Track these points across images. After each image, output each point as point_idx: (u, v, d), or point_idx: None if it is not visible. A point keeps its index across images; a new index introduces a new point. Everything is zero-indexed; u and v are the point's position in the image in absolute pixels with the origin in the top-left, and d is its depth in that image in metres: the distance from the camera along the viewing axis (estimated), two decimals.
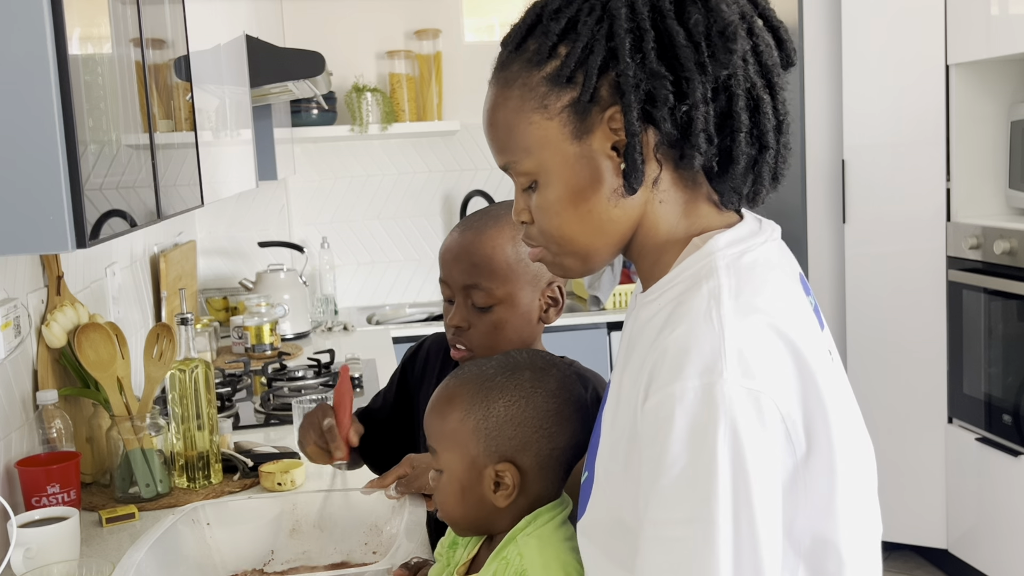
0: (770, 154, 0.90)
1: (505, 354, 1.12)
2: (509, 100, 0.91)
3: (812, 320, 0.89)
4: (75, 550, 1.44)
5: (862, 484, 0.91)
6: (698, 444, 0.79)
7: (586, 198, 0.90)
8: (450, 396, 1.08)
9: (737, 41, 0.85)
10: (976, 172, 3.05)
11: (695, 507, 0.79)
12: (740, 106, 0.87)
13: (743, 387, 0.79)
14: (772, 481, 0.80)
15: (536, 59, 0.89)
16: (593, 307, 3.64)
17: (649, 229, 0.92)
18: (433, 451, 1.08)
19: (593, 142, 0.88)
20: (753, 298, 0.84)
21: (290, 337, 3.36)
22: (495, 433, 1.04)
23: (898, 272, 3.16)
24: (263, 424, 2.28)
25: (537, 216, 0.93)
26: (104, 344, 1.74)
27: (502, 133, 0.92)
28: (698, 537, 0.79)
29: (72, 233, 0.99)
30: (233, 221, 3.82)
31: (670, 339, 0.83)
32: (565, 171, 0.90)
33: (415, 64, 3.85)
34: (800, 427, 0.82)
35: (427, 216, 3.98)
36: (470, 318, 1.32)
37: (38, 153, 0.97)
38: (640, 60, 0.85)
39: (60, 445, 1.69)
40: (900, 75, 3.06)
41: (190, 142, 1.65)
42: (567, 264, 0.95)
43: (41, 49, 0.96)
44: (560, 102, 0.88)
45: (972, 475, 3.01)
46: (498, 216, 1.34)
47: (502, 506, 1.05)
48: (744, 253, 0.89)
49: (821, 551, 0.86)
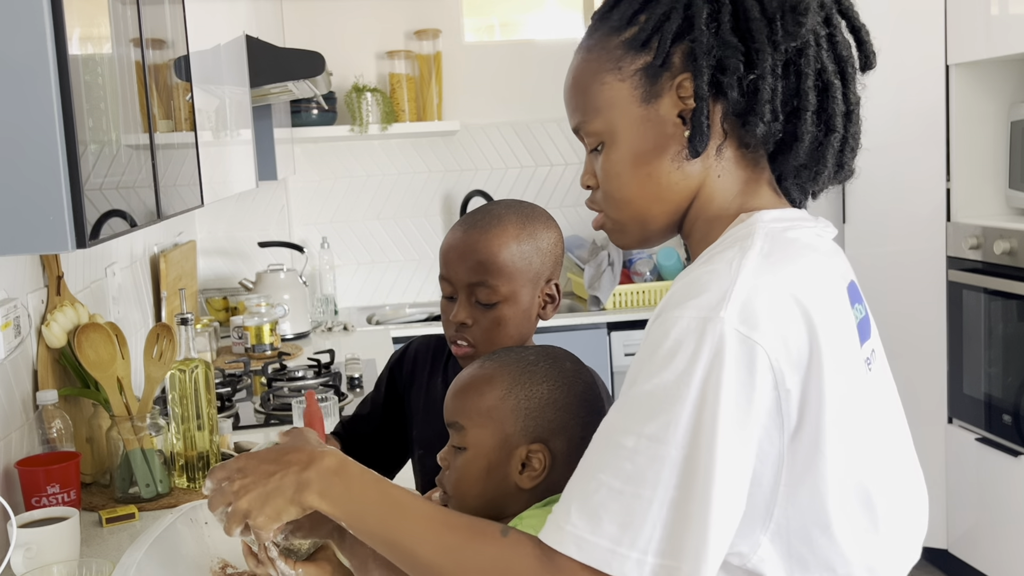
0: (836, 137, 0.92)
1: (540, 346, 1.15)
2: (588, 62, 0.96)
3: (846, 319, 0.89)
4: (75, 550, 1.44)
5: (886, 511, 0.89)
6: (677, 368, 0.80)
7: (648, 161, 0.93)
8: (490, 375, 1.09)
9: (808, 16, 0.88)
10: (976, 172, 3.05)
11: (656, 426, 0.80)
12: (808, 85, 0.90)
13: (738, 331, 0.80)
14: (744, 431, 0.80)
15: (618, 25, 0.94)
16: (593, 307, 3.64)
17: (705, 201, 0.94)
18: (459, 428, 1.08)
19: (661, 107, 0.92)
20: (782, 263, 0.86)
21: (290, 337, 3.36)
22: (536, 413, 1.06)
23: (898, 272, 3.16)
24: (263, 424, 2.28)
25: (601, 179, 0.97)
26: (104, 344, 1.74)
27: (578, 94, 0.97)
28: (648, 454, 0.80)
29: (72, 233, 0.99)
30: (233, 221, 3.82)
31: (690, 275, 0.86)
32: (631, 133, 0.93)
33: (415, 64, 3.85)
34: (795, 400, 0.82)
35: (427, 216, 3.98)
36: (474, 315, 1.34)
37: (38, 153, 0.97)
38: (715, 29, 0.89)
39: (60, 445, 1.69)
40: (900, 75, 3.06)
41: (190, 142, 1.65)
42: (627, 230, 0.98)
43: (41, 49, 0.96)
44: (634, 65, 0.92)
45: (972, 475, 3.01)
46: (501, 215, 1.36)
47: (526, 487, 1.06)
48: (788, 229, 0.91)
49: (798, 539, 0.86)
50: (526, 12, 4.01)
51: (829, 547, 0.86)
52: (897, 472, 0.94)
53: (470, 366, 1.13)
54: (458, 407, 1.10)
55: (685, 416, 0.79)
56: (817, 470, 0.84)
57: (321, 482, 0.94)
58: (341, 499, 0.93)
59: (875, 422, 0.90)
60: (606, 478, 0.82)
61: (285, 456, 0.97)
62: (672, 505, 0.79)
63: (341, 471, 0.95)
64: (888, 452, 0.92)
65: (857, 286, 0.97)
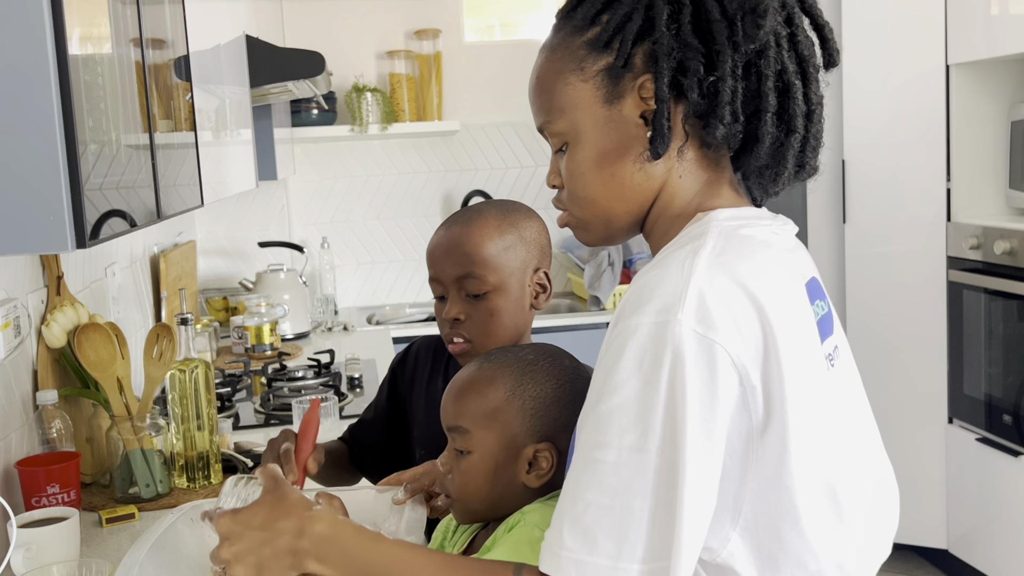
0: (796, 138, 0.92)
1: (535, 344, 1.15)
2: (552, 62, 0.96)
3: (803, 314, 0.89)
4: (75, 550, 1.44)
5: (851, 506, 0.90)
6: (643, 377, 0.81)
7: (611, 161, 0.94)
8: (491, 376, 1.08)
9: (767, 18, 0.88)
10: (976, 172, 3.05)
11: (633, 436, 0.80)
12: (768, 86, 0.90)
13: (694, 332, 0.81)
14: (710, 427, 0.81)
15: (581, 25, 0.94)
16: (593, 307, 3.64)
17: (667, 201, 0.95)
18: (462, 431, 1.08)
19: (623, 108, 0.92)
20: (734, 261, 0.86)
21: (290, 337, 3.36)
22: (542, 412, 1.06)
23: (898, 272, 3.16)
24: (263, 424, 2.28)
25: (565, 178, 0.97)
26: (104, 344, 1.74)
27: (542, 94, 0.97)
28: (631, 465, 0.80)
29: (72, 233, 0.99)
30: (233, 221, 3.82)
31: (643, 279, 0.87)
32: (594, 133, 0.94)
33: (415, 64, 3.85)
34: (759, 394, 0.83)
35: (427, 216, 3.98)
36: (466, 309, 1.35)
37: (38, 153, 0.97)
38: (675, 30, 0.89)
39: (60, 445, 1.69)
40: (900, 75, 3.07)
41: (190, 142, 1.65)
42: (591, 228, 0.99)
43: (41, 49, 0.96)
44: (596, 66, 0.93)
45: (972, 475, 3.01)
46: (480, 211, 1.38)
47: (533, 486, 1.06)
48: (743, 226, 0.91)
49: (767, 534, 0.86)
50: (526, 12, 4.00)
51: (799, 542, 0.87)
52: (863, 468, 0.95)
53: (466, 368, 1.12)
54: (460, 411, 1.09)
55: (659, 422, 0.80)
56: (784, 465, 0.85)
57: (317, 549, 0.93)
58: (340, 562, 0.93)
59: (839, 418, 0.91)
60: (593, 496, 0.82)
61: (275, 523, 0.95)
62: (662, 509, 0.80)
63: (335, 536, 0.94)
64: (854, 448, 0.93)
65: (819, 283, 0.96)
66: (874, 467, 0.97)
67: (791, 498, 0.85)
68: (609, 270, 3.60)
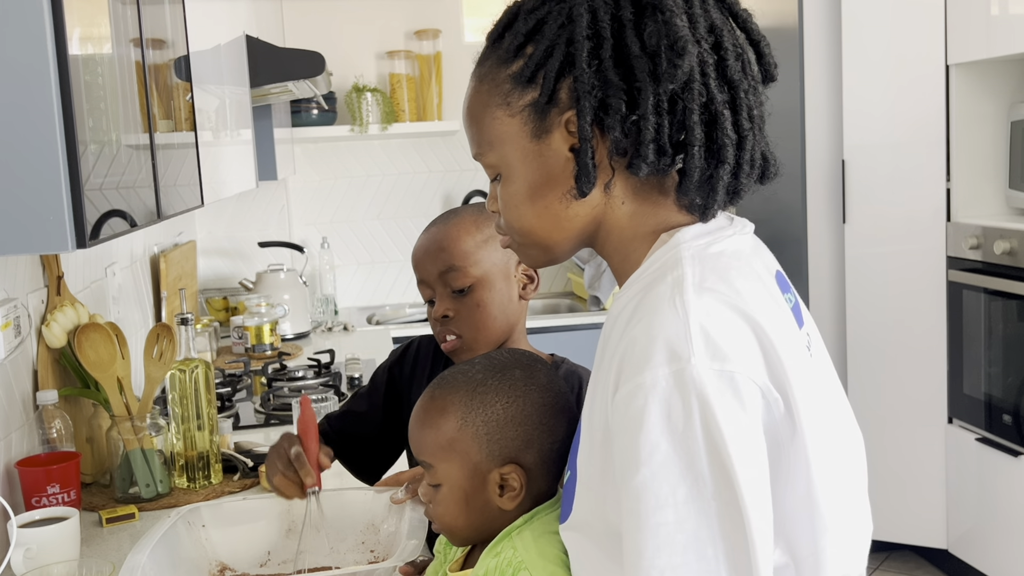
0: (725, 169, 0.89)
1: (486, 356, 1.12)
2: (480, 94, 0.94)
3: (781, 309, 0.90)
4: (75, 550, 1.44)
5: (845, 480, 0.91)
6: (676, 429, 0.79)
7: (543, 195, 0.92)
8: (442, 406, 1.06)
9: (685, 57, 0.85)
10: (976, 172, 3.05)
11: (686, 488, 0.79)
12: (694, 120, 0.87)
13: (711, 369, 0.80)
14: (755, 459, 0.80)
15: (505, 56, 0.92)
16: (593, 307, 3.64)
17: (612, 228, 0.94)
18: (427, 466, 1.07)
19: (552, 142, 0.90)
20: (717, 285, 0.85)
21: (290, 337, 3.36)
22: (497, 435, 1.03)
23: (898, 272, 3.16)
24: (263, 424, 2.28)
25: (501, 207, 0.96)
26: (104, 344, 1.74)
27: (472, 125, 0.96)
28: (693, 517, 0.79)
29: (72, 233, 0.99)
30: (233, 221, 3.82)
31: (637, 329, 0.84)
32: (524, 167, 0.92)
33: (415, 64, 3.85)
34: (781, 402, 0.83)
35: (427, 216, 3.94)
36: (453, 305, 1.37)
37: (38, 153, 0.97)
38: (596, 67, 0.87)
39: (60, 445, 1.69)
40: (900, 75, 3.06)
41: (190, 142, 1.65)
42: (530, 254, 0.98)
43: (41, 49, 0.96)
44: (522, 101, 0.91)
45: (972, 475, 3.01)
46: (457, 211, 1.42)
47: (509, 508, 1.05)
48: (711, 244, 0.90)
49: (796, 537, 0.86)
50: None
51: (811, 533, 0.87)
52: (851, 449, 0.94)
53: (422, 397, 1.10)
54: (420, 444, 1.07)
55: (705, 468, 0.79)
56: (807, 462, 0.85)
57: None
58: None
59: (824, 403, 0.91)
60: (666, 560, 0.80)
61: None
62: (736, 548, 0.79)
63: None
64: (837, 432, 0.93)
65: (784, 275, 0.96)
66: (856, 440, 0.97)
67: (814, 498, 0.86)
68: (609, 270, 3.60)
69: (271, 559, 1.39)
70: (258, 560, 1.39)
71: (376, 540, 1.39)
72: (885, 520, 3.12)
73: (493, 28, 0.95)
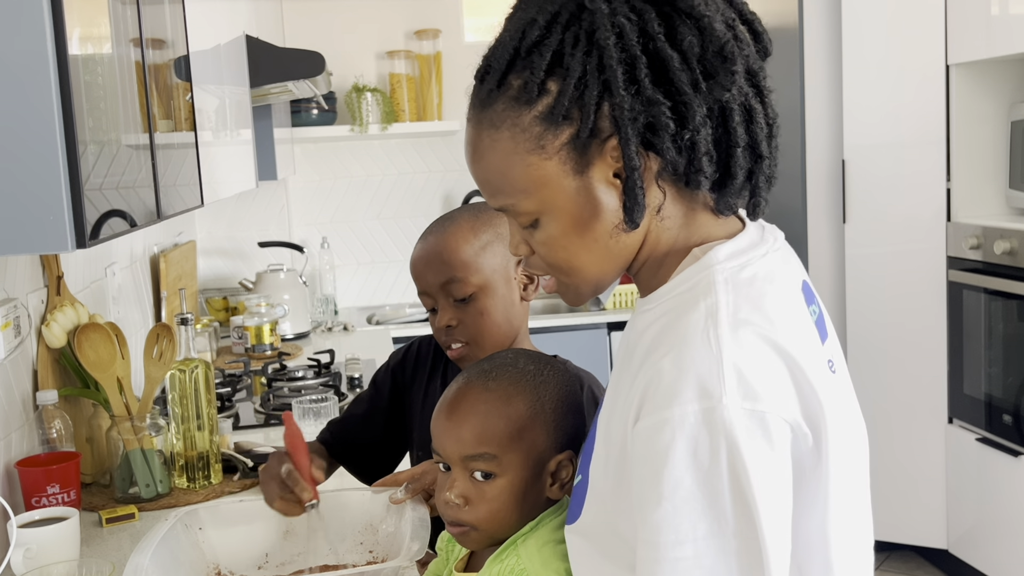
0: (766, 163, 0.88)
1: (512, 352, 1.13)
2: (499, 142, 0.88)
3: (812, 333, 0.88)
4: (75, 550, 1.44)
5: (855, 488, 0.91)
6: (701, 466, 0.78)
7: (591, 228, 0.88)
8: (506, 395, 1.03)
9: (737, 62, 0.83)
10: (976, 172, 3.05)
11: (706, 525, 0.78)
12: (737, 121, 0.85)
13: (744, 410, 0.78)
14: (778, 498, 0.80)
15: (524, 97, 0.85)
16: (593, 307, 3.64)
17: (652, 245, 0.91)
18: (488, 457, 1.03)
19: (594, 173, 0.86)
20: (752, 316, 0.83)
21: (290, 337, 3.36)
22: (561, 422, 1.04)
23: (898, 272, 3.16)
24: (263, 424, 2.28)
25: (542, 250, 0.91)
26: (104, 344, 1.74)
27: (495, 177, 0.90)
28: (712, 553, 0.78)
29: (72, 233, 0.99)
30: (233, 221, 3.82)
31: (665, 360, 0.81)
32: (568, 206, 0.87)
33: (415, 64, 3.85)
34: (810, 437, 0.83)
35: (427, 216, 3.98)
36: (456, 314, 1.36)
37: (38, 153, 0.97)
38: (635, 90, 0.82)
39: (60, 445, 1.69)
40: (900, 75, 3.06)
41: (190, 142, 1.65)
42: (581, 291, 0.94)
43: (41, 49, 0.96)
44: (558, 140, 0.85)
45: (972, 475, 3.01)
46: (452, 217, 1.40)
47: (556, 499, 1.04)
48: (744, 267, 0.87)
49: (809, 552, 0.86)
50: None
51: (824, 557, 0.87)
52: (859, 452, 0.94)
53: (461, 392, 1.07)
54: (481, 437, 1.03)
55: (728, 506, 0.78)
56: (826, 488, 0.85)
57: None
58: None
59: (845, 423, 0.90)
60: None
61: None
62: None
63: None
64: (856, 440, 0.92)
65: (809, 285, 0.94)
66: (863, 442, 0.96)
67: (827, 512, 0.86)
68: None
69: (268, 561, 1.39)
70: (256, 562, 1.38)
71: (375, 540, 1.39)
72: (885, 520, 3.12)
73: (488, 67, 0.90)
